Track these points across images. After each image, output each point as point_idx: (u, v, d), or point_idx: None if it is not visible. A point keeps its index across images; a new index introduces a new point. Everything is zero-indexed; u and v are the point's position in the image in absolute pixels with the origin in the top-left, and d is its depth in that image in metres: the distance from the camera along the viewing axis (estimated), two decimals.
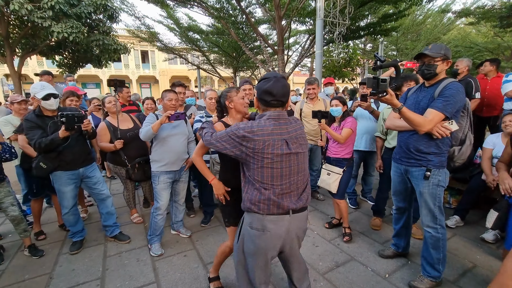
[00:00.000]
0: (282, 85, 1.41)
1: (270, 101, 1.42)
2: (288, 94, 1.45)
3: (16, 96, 3.24)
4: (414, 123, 1.83)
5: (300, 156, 1.45)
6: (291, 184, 1.43)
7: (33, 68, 21.50)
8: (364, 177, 3.76)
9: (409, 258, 2.47)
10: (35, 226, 3.09)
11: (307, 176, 1.53)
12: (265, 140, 1.36)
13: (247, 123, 1.42)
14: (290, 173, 1.42)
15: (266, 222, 1.43)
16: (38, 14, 7.63)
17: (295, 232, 1.51)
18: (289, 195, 1.44)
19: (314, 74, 8.92)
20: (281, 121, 1.43)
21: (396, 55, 16.30)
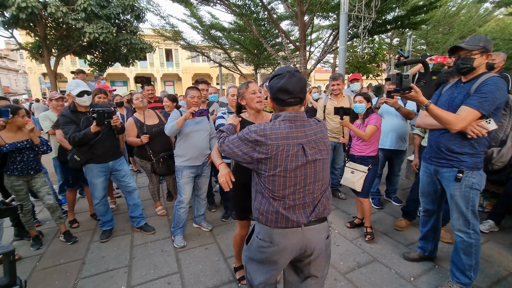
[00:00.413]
0: (298, 79, 1.24)
1: (287, 100, 1.25)
2: (305, 89, 1.29)
3: (54, 94, 3.48)
4: (444, 121, 1.72)
5: (318, 163, 1.27)
6: (306, 194, 1.27)
7: (67, 67, 22.90)
8: (388, 176, 3.63)
9: (437, 262, 2.35)
10: (70, 215, 3.32)
11: (326, 184, 1.35)
12: (279, 145, 1.20)
13: (260, 125, 1.27)
14: (306, 182, 1.26)
15: (274, 235, 1.29)
16: (72, 16, 8.10)
17: (312, 244, 1.31)
18: (302, 207, 1.28)
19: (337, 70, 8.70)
20: (298, 123, 1.26)
21: (425, 50, 15.44)
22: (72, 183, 3.27)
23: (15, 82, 31.67)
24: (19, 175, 2.58)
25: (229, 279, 2.23)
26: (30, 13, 7.47)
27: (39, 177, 2.75)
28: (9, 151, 2.48)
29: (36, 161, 2.70)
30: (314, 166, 1.26)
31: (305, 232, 1.28)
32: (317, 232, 1.31)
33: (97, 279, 2.31)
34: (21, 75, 32.01)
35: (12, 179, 2.57)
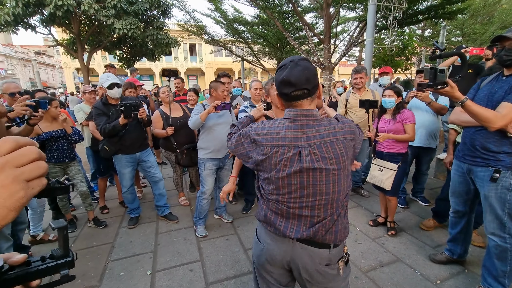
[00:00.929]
0: (302, 68, 1.03)
1: (291, 94, 1.05)
2: (312, 79, 1.06)
3: (87, 87, 3.70)
4: (482, 118, 1.60)
5: (319, 173, 1.03)
6: (303, 206, 1.07)
7: (98, 62, 24.11)
8: (415, 175, 3.47)
9: (466, 267, 2.24)
10: (101, 201, 3.54)
11: (335, 204, 1.09)
12: (273, 146, 1.06)
13: (261, 123, 1.15)
14: (302, 193, 1.06)
15: (265, 234, 1.19)
16: (103, 12, 8.49)
17: (302, 264, 1.12)
18: (297, 218, 1.09)
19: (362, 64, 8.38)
20: (299, 122, 1.06)
21: (461, 41, 14.38)
22: (103, 172, 3.48)
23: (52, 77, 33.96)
24: (56, 162, 2.79)
25: (248, 270, 2.28)
26: (66, 10, 7.94)
27: (74, 165, 2.95)
28: (46, 139, 2.68)
29: (70, 149, 2.89)
30: (312, 176, 1.04)
31: (295, 247, 1.12)
32: (310, 254, 1.11)
33: (125, 262, 2.45)
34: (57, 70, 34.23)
35: (49, 166, 2.78)
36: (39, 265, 0.48)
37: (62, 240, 0.50)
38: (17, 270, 0.46)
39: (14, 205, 0.37)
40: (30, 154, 0.39)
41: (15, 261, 0.47)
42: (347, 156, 1.08)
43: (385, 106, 2.66)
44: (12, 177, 0.37)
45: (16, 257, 0.47)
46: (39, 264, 0.48)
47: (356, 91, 3.50)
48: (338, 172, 1.06)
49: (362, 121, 3.44)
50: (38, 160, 0.40)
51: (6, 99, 2.53)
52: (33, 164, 0.39)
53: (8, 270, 0.45)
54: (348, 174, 1.11)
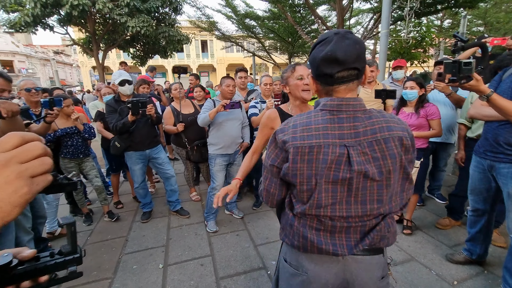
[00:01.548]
0: (353, 42, 0.81)
1: (336, 75, 0.83)
2: (364, 57, 0.85)
3: (101, 84, 3.78)
4: (509, 113, 1.49)
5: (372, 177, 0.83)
6: (350, 216, 0.87)
7: (113, 60, 24.68)
8: (432, 171, 3.34)
9: (486, 267, 2.14)
10: (115, 197, 3.62)
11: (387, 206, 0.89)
12: (312, 145, 0.83)
13: (287, 121, 0.93)
14: (350, 201, 0.86)
15: (303, 260, 0.96)
16: (117, 11, 8.65)
17: (357, 281, 0.93)
18: (345, 231, 0.90)
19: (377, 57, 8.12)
20: (345, 114, 0.85)
21: (482, 31, 13.66)
22: (116, 168, 3.56)
23: (70, 75, 35.12)
24: (71, 158, 2.87)
25: (258, 266, 2.28)
26: (81, 10, 8.14)
27: (88, 161, 3.03)
28: (61, 136, 2.77)
29: (85, 146, 2.97)
30: (363, 181, 0.84)
31: (348, 263, 0.92)
32: (367, 266, 0.92)
33: (138, 256, 2.51)
34: (74, 68, 35.36)
35: (65, 161, 2.87)
36: (48, 261, 0.49)
37: (70, 236, 0.51)
38: (26, 266, 0.46)
39: (18, 201, 0.37)
40: (35, 150, 0.39)
41: (25, 256, 0.47)
42: (401, 156, 0.85)
43: (406, 98, 2.55)
44: (16, 173, 0.36)
45: (25, 252, 0.48)
46: (48, 260, 0.49)
47: (367, 85, 3.40)
48: (394, 175, 0.85)
49: None
50: (43, 156, 0.40)
51: (24, 95, 2.62)
52: (38, 160, 0.39)
53: (17, 265, 0.45)
54: (406, 176, 0.91)
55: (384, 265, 0.96)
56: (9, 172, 0.36)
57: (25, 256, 0.47)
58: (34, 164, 0.38)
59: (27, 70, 26.14)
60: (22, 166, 0.37)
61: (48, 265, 0.48)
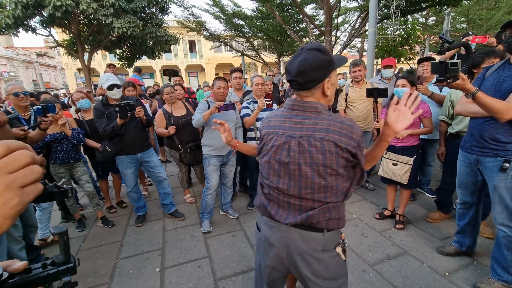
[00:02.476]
0: (301, 59, 1.00)
1: (289, 81, 1.07)
2: (308, 73, 1.00)
3: (80, 89, 3.69)
4: (493, 110, 1.55)
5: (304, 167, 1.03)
6: (292, 194, 1.09)
7: (99, 62, 24.13)
8: (421, 167, 3.43)
9: (475, 258, 2.22)
10: (106, 202, 3.56)
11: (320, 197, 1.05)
12: (269, 132, 1.13)
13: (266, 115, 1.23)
14: (290, 184, 1.08)
15: (262, 222, 1.22)
16: (102, 12, 8.45)
17: (296, 249, 1.10)
18: (287, 206, 1.11)
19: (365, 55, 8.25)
20: (295, 112, 1.07)
21: (465, 29, 14.07)
22: (102, 174, 3.46)
23: (54, 78, 34.11)
24: (61, 163, 2.81)
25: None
26: (64, 11, 7.90)
27: (79, 166, 2.97)
28: (50, 141, 2.70)
29: (75, 151, 2.90)
30: (298, 169, 1.04)
31: (289, 232, 1.11)
32: (305, 238, 1.09)
33: (134, 260, 2.48)
34: (59, 71, 34.37)
35: (55, 167, 2.81)
36: (40, 272, 0.47)
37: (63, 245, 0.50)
38: (17, 278, 0.45)
39: (9, 213, 0.35)
40: (23, 159, 0.37)
41: (15, 269, 0.45)
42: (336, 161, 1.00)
43: (398, 96, 2.60)
44: (4, 184, 0.35)
45: (16, 264, 0.46)
46: (40, 272, 0.47)
47: (355, 84, 3.47)
48: (324, 170, 1.01)
49: (363, 114, 3.41)
50: (31, 165, 0.38)
51: (12, 100, 2.54)
52: (27, 169, 0.37)
53: (8, 278, 0.44)
54: (339, 177, 1.04)
55: (326, 241, 1.10)
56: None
57: (16, 269, 0.45)
58: (23, 173, 0.37)
59: (8, 74, 25.23)
60: (11, 177, 0.35)
61: (40, 276, 0.47)
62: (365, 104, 3.42)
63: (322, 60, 1.00)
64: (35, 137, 2.23)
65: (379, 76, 4.09)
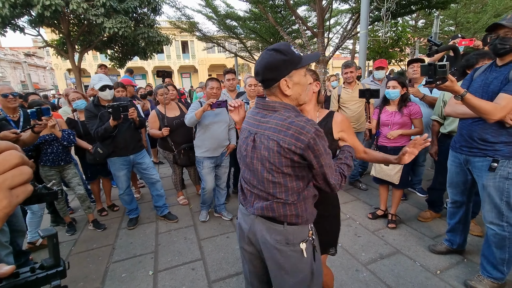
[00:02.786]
0: (260, 58, 1.07)
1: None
2: (264, 71, 1.05)
3: (69, 89, 3.62)
4: (482, 111, 1.59)
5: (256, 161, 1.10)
6: (253, 186, 1.17)
7: (89, 62, 23.76)
8: (412, 167, 3.49)
9: (465, 256, 2.27)
10: (98, 204, 3.49)
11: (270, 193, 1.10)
12: (243, 128, 1.22)
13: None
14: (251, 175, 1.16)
15: (238, 210, 1.33)
16: (92, 11, 8.32)
17: (257, 236, 1.18)
18: (249, 195, 1.21)
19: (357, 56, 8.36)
20: (257, 110, 1.14)
21: (454, 31, 14.40)
22: (91, 177, 3.38)
23: (43, 78, 33.41)
24: (51, 165, 2.75)
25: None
26: (54, 10, 7.75)
27: (70, 168, 2.91)
28: (40, 143, 2.64)
29: (65, 153, 2.85)
30: (252, 163, 1.12)
31: (256, 221, 1.17)
32: (267, 228, 1.14)
33: (126, 263, 2.44)
34: (48, 71, 33.66)
35: (45, 169, 2.74)
36: (28, 276, 0.46)
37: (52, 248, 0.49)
38: (4, 283, 0.44)
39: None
40: (12, 159, 0.36)
41: (2, 273, 0.44)
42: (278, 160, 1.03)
43: (389, 97, 2.65)
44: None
45: (2, 269, 0.44)
46: (28, 276, 0.46)
47: (347, 85, 3.51)
48: (269, 166, 1.06)
49: (355, 115, 3.45)
50: (21, 165, 0.37)
51: (0, 101, 2.48)
52: (16, 170, 0.36)
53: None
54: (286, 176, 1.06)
55: (288, 234, 1.12)
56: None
57: (3, 273, 0.44)
58: (12, 175, 0.36)
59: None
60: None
61: (29, 280, 0.46)
62: (357, 105, 3.46)
63: (276, 60, 1.02)
64: (27, 140, 2.18)
65: (371, 77, 4.14)
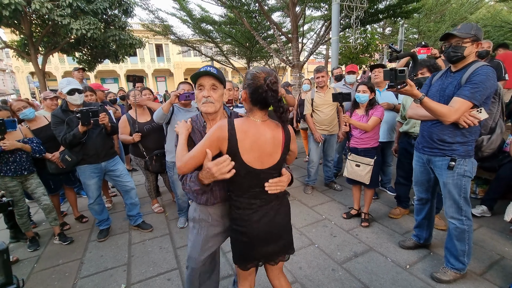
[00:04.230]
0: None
1: None
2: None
3: (48, 93, 3.38)
4: (438, 113, 1.73)
5: None
6: None
7: (55, 65, 22.38)
8: (382, 167, 3.66)
9: (431, 250, 2.41)
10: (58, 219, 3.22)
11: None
12: None
13: None
14: None
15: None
16: (58, 12, 7.86)
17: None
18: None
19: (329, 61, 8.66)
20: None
21: (417, 39, 15.45)
22: (55, 188, 3.15)
23: (2, 82, 30.85)
24: (13, 175, 2.54)
25: (228, 273, 2.25)
26: (13, 10, 7.22)
27: (33, 177, 2.71)
28: (1, 152, 2.43)
29: (29, 161, 2.65)
30: None
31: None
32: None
33: (96, 278, 2.30)
34: (8, 74, 31.14)
35: (6, 180, 2.53)
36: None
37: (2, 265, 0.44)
38: None
39: None
40: None
41: None
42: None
43: (359, 101, 2.76)
44: None
45: None
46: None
47: (319, 89, 3.61)
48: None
49: (328, 118, 3.55)
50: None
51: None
52: None
53: None
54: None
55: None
56: None
57: None
58: None
59: None
60: None
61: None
62: (329, 109, 3.56)
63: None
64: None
65: (342, 81, 4.30)
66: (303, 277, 2.16)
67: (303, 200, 3.60)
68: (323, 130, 3.60)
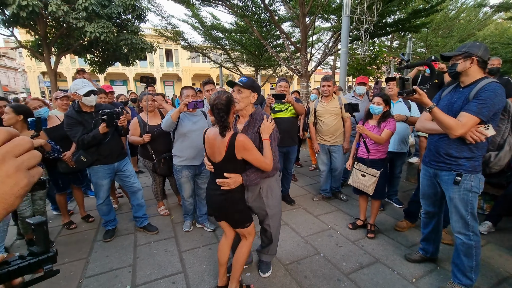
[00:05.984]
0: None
1: None
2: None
3: (59, 93, 3.47)
4: (445, 125, 1.76)
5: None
6: None
7: (66, 66, 22.85)
8: (390, 178, 3.65)
9: (438, 264, 2.39)
10: (64, 218, 3.25)
11: None
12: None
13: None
14: None
15: None
16: (73, 15, 8.10)
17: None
18: None
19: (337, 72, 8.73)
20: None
21: (425, 53, 15.52)
22: (63, 187, 3.18)
23: (13, 81, 31.54)
24: None
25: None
26: (30, 11, 7.47)
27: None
28: None
29: (41, 160, 2.70)
30: None
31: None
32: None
33: (101, 278, 2.32)
34: (20, 73, 31.86)
35: None
36: (20, 263, 0.48)
37: (42, 236, 0.51)
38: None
39: (19, 192, 0.38)
40: (25, 144, 0.40)
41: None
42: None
43: (372, 112, 2.79)
44: (15, 167, 0.38)
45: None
46: (19, 262, 0.48)
47: (323, 99, 3.62)
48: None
49: (330, 128, 3.54)
50: (32, 150, 0.42)
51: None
52: (30, 153, 0.41)
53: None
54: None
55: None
56: (8, 166, 0.38)
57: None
58: (27, 157, 0.40)
59: None
60: (18, 160, 0.39)
61: (21, 266, 0.48)
62: (331, 118, 3.56)
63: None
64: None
65: (352, 92, 4.33)
66: (308, 286, 2.16)
67: (308, 208, 3.60)
68: (324, 141, 3.61)
